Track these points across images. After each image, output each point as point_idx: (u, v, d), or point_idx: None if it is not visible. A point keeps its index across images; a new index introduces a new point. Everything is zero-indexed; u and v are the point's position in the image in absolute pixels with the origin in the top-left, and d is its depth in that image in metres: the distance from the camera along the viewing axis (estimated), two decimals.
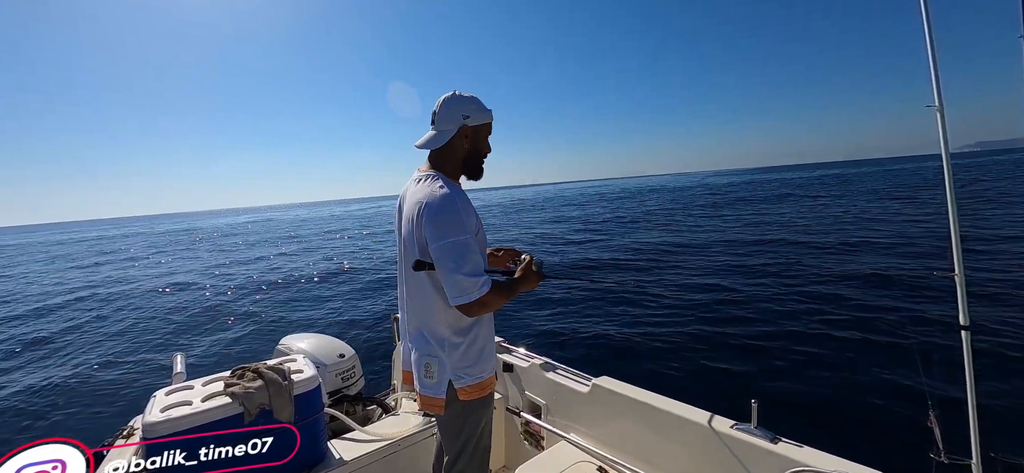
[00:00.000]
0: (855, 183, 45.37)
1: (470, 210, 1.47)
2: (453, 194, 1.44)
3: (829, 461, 1.42)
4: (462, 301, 1.39)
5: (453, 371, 1.50)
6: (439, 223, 1.39)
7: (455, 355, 1.50)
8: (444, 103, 1.50)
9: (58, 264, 26.19)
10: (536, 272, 1.56)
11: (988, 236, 12.24)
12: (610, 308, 8.14)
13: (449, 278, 1.39)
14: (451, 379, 1.50)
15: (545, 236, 21.95)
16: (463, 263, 1.38)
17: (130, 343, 8.97)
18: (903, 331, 5.93)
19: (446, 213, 1.39)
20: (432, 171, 1.52)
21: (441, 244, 1.38)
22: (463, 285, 1.38)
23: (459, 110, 1.49)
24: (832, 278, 9.12)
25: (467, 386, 1.51)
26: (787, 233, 16.17)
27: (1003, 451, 1.65)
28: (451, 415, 1.54)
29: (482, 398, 1.56)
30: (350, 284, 13.39)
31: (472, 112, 1.49)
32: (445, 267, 1.39)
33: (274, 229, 44.11)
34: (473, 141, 1.53)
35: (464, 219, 1.41)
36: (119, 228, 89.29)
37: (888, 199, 26.28)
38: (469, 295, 1.38)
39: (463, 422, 1.56)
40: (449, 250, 1.38)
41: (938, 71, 1.55)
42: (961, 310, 1.57)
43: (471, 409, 1.55)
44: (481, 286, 1.39)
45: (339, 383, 2.66)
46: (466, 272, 1.38)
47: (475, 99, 1.52)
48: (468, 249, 1.40)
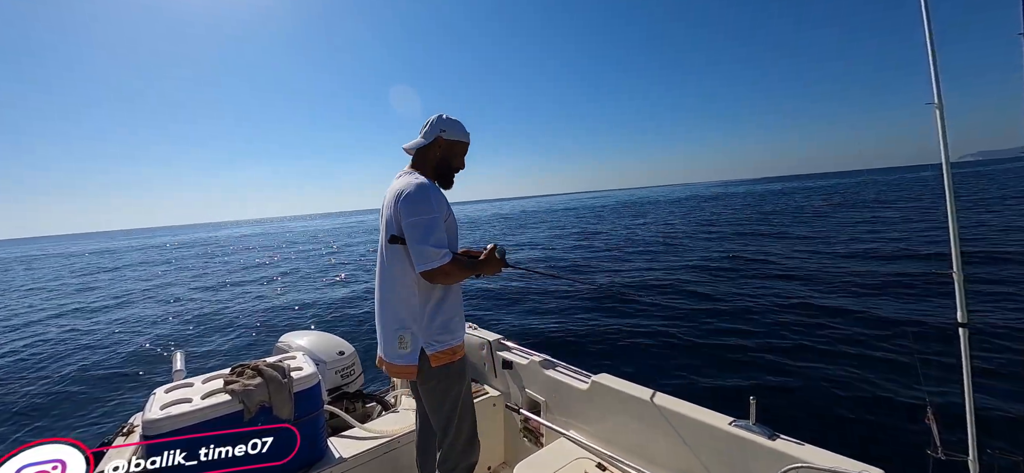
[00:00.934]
0: (856, 191, 45.45)
1: (442, 201, 1.72)
2: (428, 184, 1.69)
3: (827, 458, 1.42)
4: (426, 268, 1.60)
5: (424, 340, 1.69)
6: (412, 203, 1.63)
7: (425, 325, 1.69)
8: (433, 120, 1.79)
9: (57, 270, 26.18)
10: (499, 259, 1.75)
11: (988, 236, 12.26)
12: (610, 308, 8.16)
13: (417, 248, 1.61)
14: (423, 347, 1.69)
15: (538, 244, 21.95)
16: (430, 236, 1.60)
17: (130, 341, 8.98)
18: (901, 329, 5.95)
19: (419, 196, 1.64)
20: (411, 169, 1.79)
21: (412, 220, 1.62)
22: (428, 254, 1.60)
23: (440, 126, 1.78)
24: (831, 277, 9.15)
25: (438, 352, 1.69)
26: (787, 235, 16.19)
27: (1000, 448, 1.65)
28: (430, 387, 1.72)
29: (454, 363, 1.73)
30: (350, 284, 13.39)
31: (449, 128, 1.78)
32: (414, 238, 1.62)
33: (276, 238, 44.14)
34: (445, 151, 1.80)
35: (434, 203, 1.65)
36: (129, 240, 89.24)
37: (887, 205, 26.33)
38: (432, 262, 1.60)
39: (444, 395, 1.73)
40: (419, 225, 1.61)
41: (938, 69, 1.55)
42: (959, 308, 1.58)
43: (448, 377, 1.72)
44: (443, 256, 1.61)
45: (339, 380, 2.66)
46: (432, 243, 1.60)
47: (457, 122, 1.81)
48: (436, 225, 1.63)
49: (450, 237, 1.72)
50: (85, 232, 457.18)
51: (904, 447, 3.50)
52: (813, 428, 3.86)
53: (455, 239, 1.79)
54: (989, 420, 3.64)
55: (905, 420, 3.80)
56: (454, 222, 1.77)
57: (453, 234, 1.76)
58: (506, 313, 8.36)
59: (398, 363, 1.72)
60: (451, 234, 1.74)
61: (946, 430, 1.55)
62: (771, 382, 4.78)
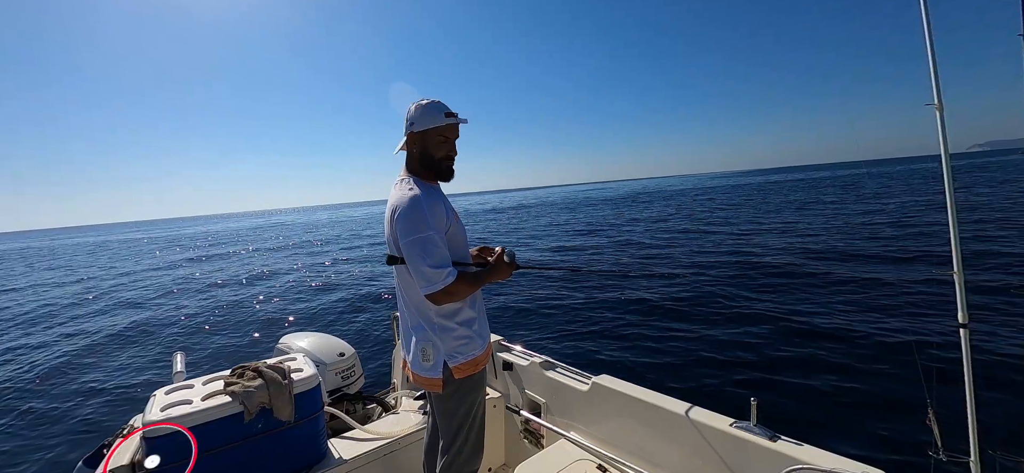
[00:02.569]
0: (858, 184, 45.36)
1: (438, 209, 1.58)
2: (420, 195, 1.55)
3: (828, 459, 1.42)
4: (429, 291, 1.52)
5: (447, 352, 1.63)
6: (406, 222, 1.52)
7: (447, 338, 1.63)
8: (406, 115, 1.64)
9: (57, 266, 26.19)
10: (508, 263, 1.68)
11: (989, 236, 12.25)
12: (609, 307, 8.15)
13: (417, 271, 1.53)
14: (446, 359, 1.62)
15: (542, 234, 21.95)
16: (428, 256, 1.50)
17: (131, 341, 8.98)
18: (902, 329, 5.94)
19: (412, 213, 1.52)
20: (405, 175, 1.66)
21: (408, 240, 1.52)
22: (429, 276, 1.51)
23: (408, 120, 1.63)
24: (832, 277, 9.13)
25: (461, 364, 1.63)
26: (788, 233, 16.18)
27: (1001, 449, 1.65)
28: (448, 395, 1.66)
29: (475, 375, 1.69)
30: (351, 284, 13.39)
31: (417, 119, 1.61)
32: (412, 261, 1.53)
33: (281, 232, 44.12)
34: (421, 145, 1.63)
35: (429, 217, 1.53)
36: (130, 231, 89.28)
37: (890, 199, 26.29)
38: (434, 285, 1.51)
39: (459, 403, 1.68)
40: (415, 245, 1.51)
41: (937, 70, 1.55)
42: (960, 308, 1.57)
43: (466, 389, 1.67)
44: (445, 277, 1.51)
45: (339, 382, 2.66)
46: (431, 264, 1.50)
47: (428, 105, 1.61)
48: (432, 244, 1.52)
49: (455, 246, 1.63)
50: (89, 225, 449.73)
51: (905, 448, 3.49)
52: (814, 429, 3.85)
53: (463, 245, 1.70)
54: (991, 421, 3.63)
55: (906, 421, 3.79)
56: (459, 228, 1.66)
57: (458, 242, 1.66)
58: (506, 313, 8.35)
59: (423, 376, 1.66)
60: (456, 243, 1.64)
61: (947, 431, 1.54)
62: (772, 383, 4.77)
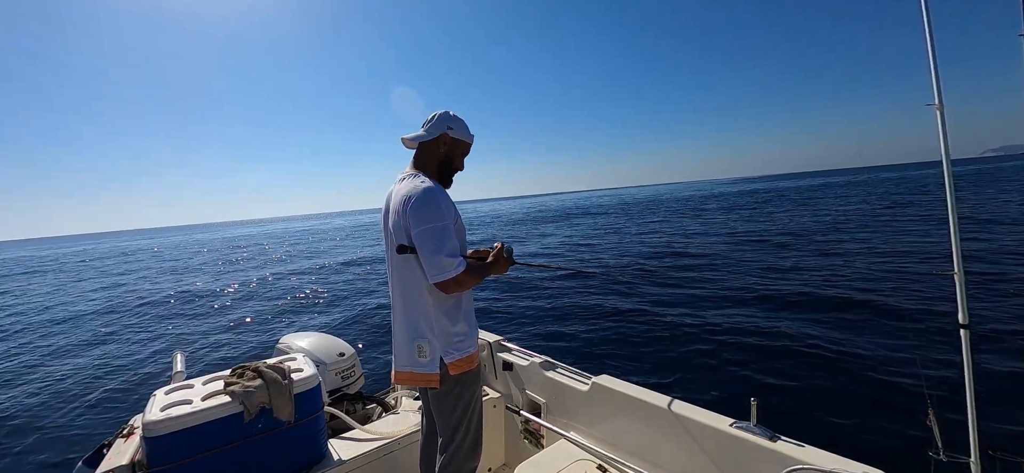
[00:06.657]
0: (861, 188, 45.34)
1: (449, 203, 1.65)
2: (434, 187, 1.61)
3: (828, 459, 1.42)
4: (441, 279, 1.55)
5: (442, 349, 1.65)
6: (421, 211, 1.56)
7: (442, 334, 1.66)
8: (438, 115, 1.73)
9: (61, 272, 26.21)
10: (506, 258, 1.74)
11: (989, 235, 12.24)
12: (610, 308, 8.15)
13: (430, 259, 1.56)
14: (442, 356, 1.65)
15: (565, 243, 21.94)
16: (442, 245, 1.55)
17: (131, 342, 8.98)
18: (903, 330, 5.94)
19: (428, 201, 1.57)
20: (414, 170, 1.71)
21: (423, 228, 1.55)
22: (442, 264, 1.55)
23: (446, 122, 1.72)
24: (832, 277, 9.13)
25: (456, 360, 1.66)
26: (788, 234, 16.17)
27: (1002, 449, 1.64)
28: (445, 392, 1.68)
29: (471, 371, 1.71)
30: (351, 285, 13.40)
31: (455, 126, 1.73)
32: (426, 249, 1.56)
33: (281, 238, 44.15)
34: (449, 149, 1.74)
35: (444, 208, 1.59)
36: (136, 240, 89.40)
37: (892, 204, 26.29)
38: (447, 273, 1.55)
39: (457, 400, 1.70)
40: (430, 234, 1.55)
41: (938, 70, 1.54)
42: (961, 309, 1.57)
43: (463, 385, 1.69)
44: (457, 266, 1.56)
45: (339, 382, 2.66)
46: (445, 253, 1.55)
47: (462, 121, 1.76)
48: (447, 233, 1.57)
49: (459, 241, 1.68)
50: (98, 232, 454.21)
51: (906, 449, 3.49)
52: (814, 429, 3.85)
53: (464, 242, 1.74)
54: (991, 422, 3.62)
55: (906, 421, 3.78)
56: (462, 224, 1.72)
57: (461, 237, 1.71)
58: (506, 313, 8.35)
59: (418, 372, 1.67)
60: (460, 238, 1.69)
61: (948, 431, 1.54)
62: (772, 383, 4.77)
